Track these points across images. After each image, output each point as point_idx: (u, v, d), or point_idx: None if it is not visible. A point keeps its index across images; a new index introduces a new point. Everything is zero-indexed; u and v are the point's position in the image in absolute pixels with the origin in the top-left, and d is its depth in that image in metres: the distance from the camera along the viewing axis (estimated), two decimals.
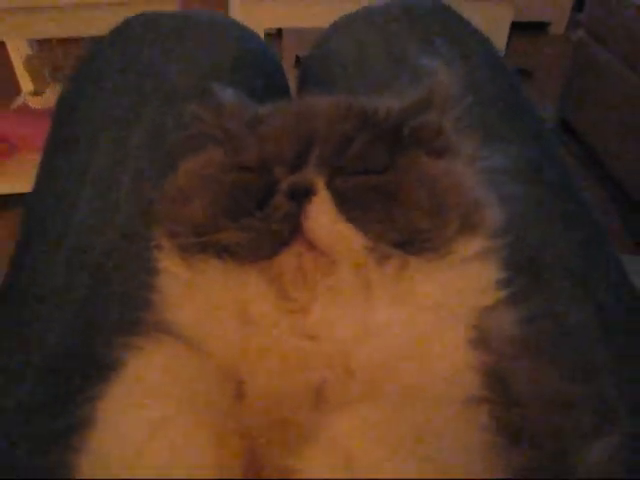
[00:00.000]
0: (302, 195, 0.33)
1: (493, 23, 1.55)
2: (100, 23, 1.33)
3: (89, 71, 0.51)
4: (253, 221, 0.33)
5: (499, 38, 1.58)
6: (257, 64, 0.54)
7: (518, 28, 2.94)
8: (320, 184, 0.33)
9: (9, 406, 0.35)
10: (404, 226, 0.32)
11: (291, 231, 0.32)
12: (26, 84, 2.04)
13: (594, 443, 0.30)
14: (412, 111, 0.36)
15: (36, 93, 1.85)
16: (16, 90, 2.10)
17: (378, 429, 0.25)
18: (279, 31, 2.24)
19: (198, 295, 0.33)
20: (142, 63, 0.48)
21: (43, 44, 1.94)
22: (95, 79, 0.49)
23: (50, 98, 1.79)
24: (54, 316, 0.38)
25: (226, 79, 0.49)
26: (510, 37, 2.40)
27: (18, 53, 1.96)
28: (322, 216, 0.32)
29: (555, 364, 0.31)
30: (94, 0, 1.33)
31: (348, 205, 0.32)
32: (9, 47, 1.97)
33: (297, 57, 2.14)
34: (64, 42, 1.92)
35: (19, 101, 1.98)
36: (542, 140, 0.48)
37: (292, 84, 0.67)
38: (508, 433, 0.29)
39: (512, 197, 0.36)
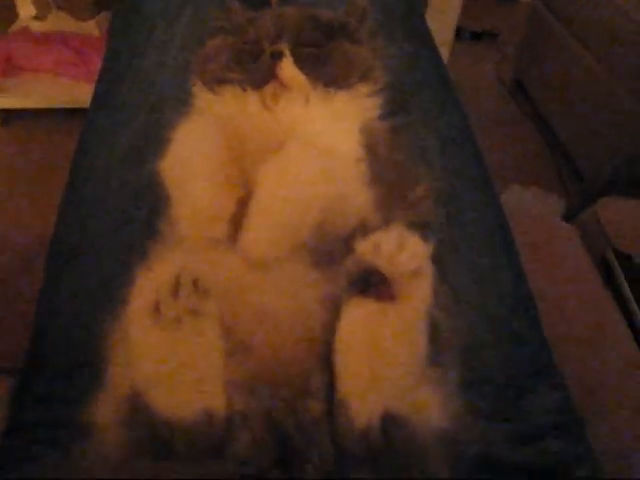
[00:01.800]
0: (277, 57, 0.64)
1: None
2: None
3: None
4: (250, 68, 0.65)
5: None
6: None
7: None
8: (287, 51, 0.65)
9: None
10: (330, 75, 0.64)
11: (270, 75, 0.64)
12: (24, 9, 2.27)
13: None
14: (339, 16, 0.68)
15: (38, 18, 2.09)
16: (12, 15, 2.32)
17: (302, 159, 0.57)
18: None
19: (218, 105, 0.65)
20: None
21: None
22: None
23: (51, 23, 2.04)
24: (131, 118, 0.71)
25: None
26: (480, 2, 2.72)
27: None
28: (287, 67, 0.64)
29: (403, 149, 0.64)
30: None
31: (302, 63, 0.64)
32: None
33: None
34: None
35: (18, 25, 2.22)
36: (427, 44, 0.82)
37: None
38: (372, 178, 0.62)
39: (396, 69, 0.69)
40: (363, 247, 0.48)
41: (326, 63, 0.65)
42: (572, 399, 0.66)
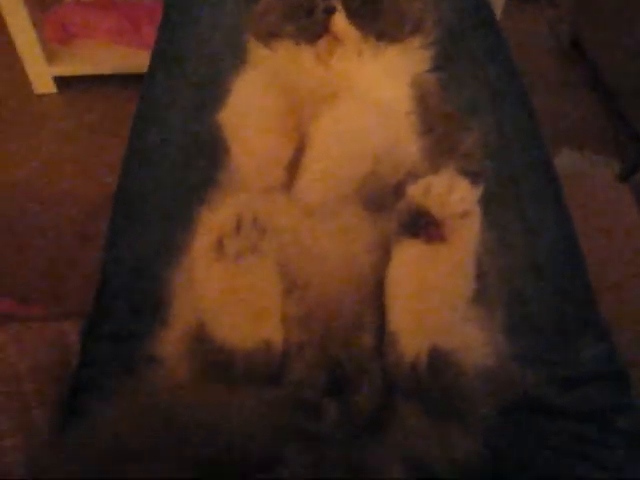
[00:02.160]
0: (330, 11, 0.66)
1: None
2: None
3: None
4: (304, 23, 0.67)
5: None
6: None
7: None
8: (339, 6, 0.66)
9: None
10: (382, 28, 0.66)
11: (323, 29, 0.66)
12: None
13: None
14: None
15: None
16: None
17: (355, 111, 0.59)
18: None
19: (272, 59, 0.68)
20: None
21: None
22: None
23: None
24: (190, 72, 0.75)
25: None
26: None
27: None
28: (340, 22, 0.66)
29: (453, 101, 0.66)
30: None
31: (354, 17, 0.66)
32: None
33: None
34: None
35: None
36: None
37: None
38: (423, 130, 0.64)
39: (446, 21, 0.70)
40: (414, 190, 0.51)
41: (378, 17, 0.67)
42: (617, 352, 0.67)
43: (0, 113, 1.98)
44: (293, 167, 0.58)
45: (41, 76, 2.02)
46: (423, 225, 0.50)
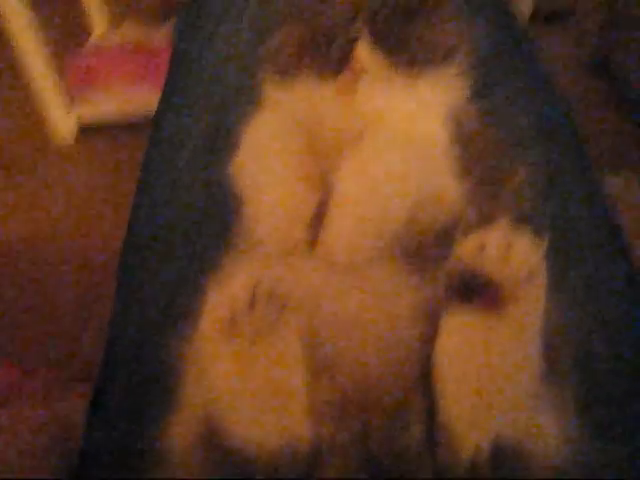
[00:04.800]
0: (353, 40, 0.58)
1: None
2: None
3: None
4: (324, 54, 0.59)
5: None
6: None
7: None
8: (365, 32, 0.58)
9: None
10: (411, 57, 0.58)
11: (346, 59, 0.58)
12: (98, 23, 2.31)
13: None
14: None
15: (111, 30, 2.13)
16: (82, 29, 2.35)
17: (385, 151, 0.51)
18: None
19: (290, 98, 0.59)
20: None
21: None
22: None
23: (125, 34, 2.06)
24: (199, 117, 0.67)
25: None
26: None
27: None
28: (364, 51, 0.58)
29: (495, 134, 0.57)
30: None
31: (379, 43, 0.58)
32: None
33: None
34: None
35: (93, 39, 2.26)
36: (510, 22, 0.74)
37: None
38: (465, 169, 0.55)
39: (481, 49, 0.61)
40: (464, 248, 0.42)
41: (406, 45, 0.58)
42: None
43: (16, 165, 1.94)
44: (317, 223, 0.49)
45: (62, 125, 1.98)
46: (478, 289, 0.41)
